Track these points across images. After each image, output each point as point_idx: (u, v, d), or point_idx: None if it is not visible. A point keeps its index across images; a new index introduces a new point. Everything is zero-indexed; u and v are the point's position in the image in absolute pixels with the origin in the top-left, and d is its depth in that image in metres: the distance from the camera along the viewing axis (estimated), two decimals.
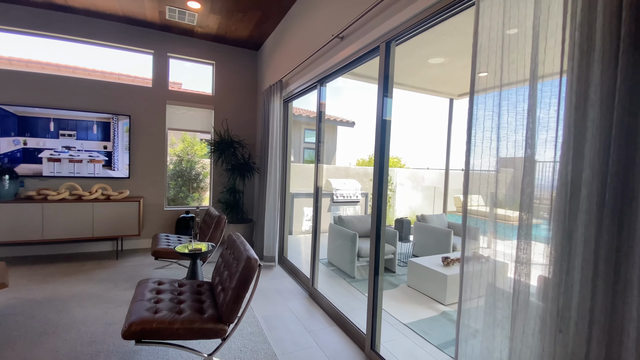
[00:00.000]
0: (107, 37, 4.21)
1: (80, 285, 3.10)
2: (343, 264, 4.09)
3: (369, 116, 11.27)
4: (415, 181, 8.28)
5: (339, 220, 4.42)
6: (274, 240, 3.98)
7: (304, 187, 6.67)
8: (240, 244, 2.15)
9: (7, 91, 3.79)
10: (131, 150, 4.36)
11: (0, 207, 3.43)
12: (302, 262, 4.25)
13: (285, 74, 3.70)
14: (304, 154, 9.79)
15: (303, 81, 3.38)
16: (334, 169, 7.54)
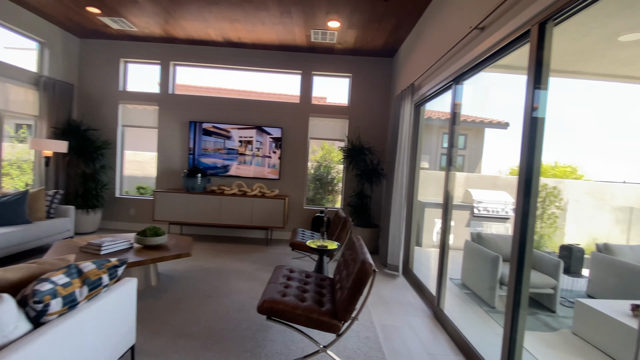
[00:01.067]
0: (267, 63, 5.16)
1: (239, 263, 3.89)
2: (480, 289, 3.55)
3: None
4: (599, 198, 6.30)
5: (478, 237, 3.86)
6: (398, 249, 3.86)
7: (439, 196, 6.17)
8: (358, 247, 2.20)
9: (195, 111, 5.20)
10: (282, 156, 5.17)
11: (195, 197, 4.73)
12: (429, 278, 3.94)
13: (417, 77, 3.56)
14: (441, 160, 9.05)
15: (436, 82, 3.16)
16: (477, 178, 6.65)
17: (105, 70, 5.16)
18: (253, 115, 5.20)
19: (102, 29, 4.70)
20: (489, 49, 2.19)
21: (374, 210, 5.00)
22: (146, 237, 3.00)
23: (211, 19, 4.13)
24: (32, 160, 5.15)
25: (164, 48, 5.12)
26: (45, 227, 3.72)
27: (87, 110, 5.16)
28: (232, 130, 5.15)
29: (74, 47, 5.05)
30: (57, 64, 4.76)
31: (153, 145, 5.36)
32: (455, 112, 2.94)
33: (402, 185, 3.81)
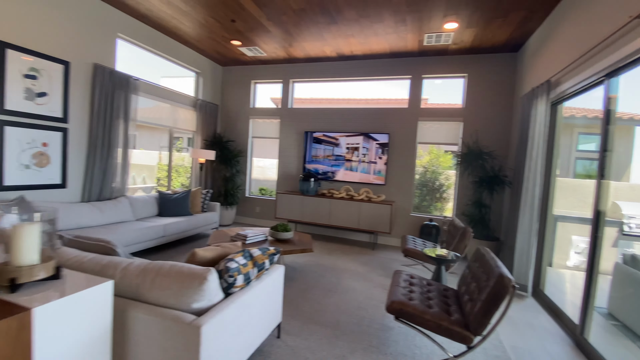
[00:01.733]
0: (376, 71, 5.31)
1: (350, 263, 4.12)
2: (636, 323, 2.87)
3: None
4: None
5: (633, 261, 3.15)
6: (526, 267, 3.45)
7: (574, 208, 5.20)
8: (490, 259, 2.10)
9: (309, 122, 5.67)
10: (388, 162, 5.24)
11: (308, 199, 5.20)
12: (565, 302, 3.39)
13: (555, 73, 3.14)
14: (575, 166, 7.57)
15: (582, 77, 2.73)
16: (628, 187, 5.34)
17: (240, 91, 6.18)
18: (360, 123, 5.41)
19: (239, 57, 5.66)
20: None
21: (493, 221, 4.57)
22: (278, 231, 3.50)
23: (329, 37, 4.52)
24: (187, 165, 6.55)
25: (285, 68, 5.83)
26: (201, 219, 4.69)
27: (227, 125, 6.28)
28: (341, 138, 5.48)
29: (218, 74, 6.22)
30: (207, 88, 5.95)
31: (273, 152, 6.14)
32: (610, 110, 2.50)
33: (533, 196, 3.40)
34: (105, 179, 3.94)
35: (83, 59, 3.71)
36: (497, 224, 4.61)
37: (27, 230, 1.32)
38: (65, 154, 3.57)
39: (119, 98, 4.04)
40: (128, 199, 4.10)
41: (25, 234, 1.32)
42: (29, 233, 1.33)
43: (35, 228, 1.35)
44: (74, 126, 3.66)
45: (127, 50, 4.42)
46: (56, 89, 3.44)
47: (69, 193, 3.65)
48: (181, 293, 1.52)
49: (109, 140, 3.95)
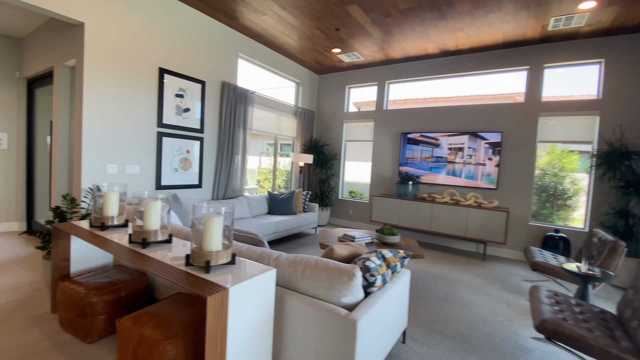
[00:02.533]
0: (484, 65, 4.86)
1: (460, 274, 3.83)
2: None
3: None
4: None
5: None
6: None
7: None
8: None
9: (406, 123, 5.48)
10: (500, 163, 4.73)
11: (406, 203, 5.04)
12: None
13: None
14: None
15: None
16: None
17: (334, 97, 6.39)
18: (465, 121, 5.03)
19: (336, 64, 5.87)
20: None
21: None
22: (385, 235, 3.47)
23: (434, 34, 4.34)
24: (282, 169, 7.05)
25: (381, 70, 5.81)
26: (303, 218, 4.98)
27: (322, 130, 6.56)
28: (441, 138, 5.17)
29: (315, 82, 6.55)
30: (305, 96, 6.32)
31: (365, 156, 6.16)
32: None
33: None
34: (228, 181, 4.51)
35: (214, 78, 4.34)
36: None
37: (216, 222, 1.58)
38: (201, 160, 4.21)
39: (239, 110, 4.59)
40: (246, 198, 4.61)
41: (215, 225, 1.58)
42: (217, 224, 1.59)
43: (220, 220, 1.61)
44: (207, 136, 4.29)
45: (241, 67, 5.01)
46: (196, 105, 4.09)
47: (203, 192, 4.29)
48: (331, 286, 1.61)
49: (232, 147, 4.52)
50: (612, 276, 2.50)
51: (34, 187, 4.31)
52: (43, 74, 3.90)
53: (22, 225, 4.39)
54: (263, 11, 3.97)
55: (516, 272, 4.03)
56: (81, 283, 2.10)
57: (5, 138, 4.22)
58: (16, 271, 2.98)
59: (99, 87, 3.14)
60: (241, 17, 4.18)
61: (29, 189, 4.34)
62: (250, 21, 4.28)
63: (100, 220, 2.19)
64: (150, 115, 3.61)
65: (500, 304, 3.01)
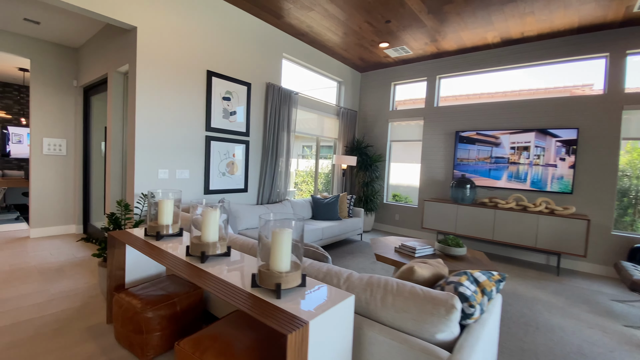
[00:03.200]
0: (554, 53, 4.30)
1: (535, 291, 3.35)
2: None
3: None
4: None
5: None
6: None
7: None
8: None
9: (461, 121, 5.00)
10: (576, 164, 4.15)
11: (464, 209, 4.59)
12: None
13: None
14: None
15: None
16: None
17: (378, 95, 6.07)
18: (531, 117, 4.48)
19: (382, 60, 5.54)
20: None
21: None
22: (449, 246, 3.10)
23: (498, 20, 3.89)
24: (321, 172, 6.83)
25: (431, 64, 5.40)
26: (349, 224, 4.71)
27: (365, 130, 6.26)
28: (502, 136, 4.66)
29: (357, 81, 6.27)
30: (347, 96, 6.06)
31: (413, 157, 5.77)
32: None
33: None
34: (273, 185, 4.37)
35: (259, 80, 4.22)
36: None
37: (285, 237, 1.37)
38: (247, 163, 4.10)
39: (283, 112, 4.44)
40: (290, 202, 4.44)
41: (285, 240, 1.36)
42: (286, 239, 1.37)
43: (289, 235, 1.39)
44: (252, 139, 4.18)
45: (285, 67, 4.86)
46: (242, 108, 3.99)
47: (249, 196, 4.18)
48: (422, 319, 1.33)
49: (276, 150, 4.37)
50: None
51: (90, 192, 4.45)
52: (98, 81, 3.99)
53: (79, 227, 4.56)
54: (310, 6, 3.77)
55: (600, 289, 3.47)
56: (137, 296, 1.99)
57: (64, 144, 4.39)
58: (73, 275, 3.02)
59: (150, 91, 3.10)
60: (287, 15, 4.02)
61: (85, 193, 4.49)
62: (296, 18, 4.11)
63: (155, 229, 2.08)
64: (199, 119, 3.54)
65: (593, 329, 2.54)
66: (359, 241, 5.02)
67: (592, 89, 4.23)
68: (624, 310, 2.97)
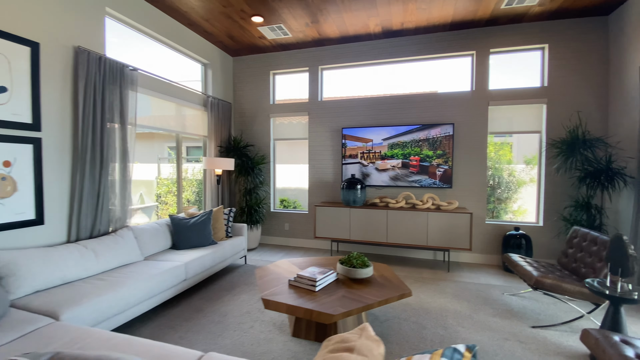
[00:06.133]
0: (430, 49, 4.31)
1: (439, 297, 3.08)
2: None
3: None
4: None
5: None
6: None
7: None
8: None
9: (347, 117, 4.64)
10: (454, 158, 4.23)
11: (357, 212, 4.16)
12: None
13: None
14: None
15: None
16: None
17: (256, 85, 5.12)
18: (414, 113, 4.41)
19: (257, 42, 4.61)
20: None
21: (609, 226, 3.58)
22: (355, 268, 2.44)
23: (381, 4, 3.51)
24: (191, 178, 5.46)
25: (313, 53, 4.80)
26: (228, 248, 3.60)
27: (243, 126, 5.20)
28: (387, 132, 4.45)
29: (229, 66, 5.15)
30: (217, 83, 4.87)
31: (298, 157, 5.10)
32: None
33: None
34: (100, 206, 2.83)
35: (59, 40, 2.62)
36: (614, 230, 3.58)
37: None
38: (39, 176, 2.46)
39: (112, 94, 2.95)
40: (132, 231, 2.99)
41: None
42: None
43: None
44: (50, 135, 2.56)
45: (118, 33, 3.34)
46: (21, 83, 2.35)
47: (48, 232, 2.54)
48: None
49: (102, 151, 2.86)
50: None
51: None
52: None
53: None
54: None
55: (489, 282, 3.51)
56: None
57: None
58: None
59: None
60: None
61: None
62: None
63: None
64: None
65: (510, 342, 2.30)
66: (242, 266, 3.96)
67: (461, 88, 4.41)
68: (519, 305, 2.94)
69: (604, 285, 2.06)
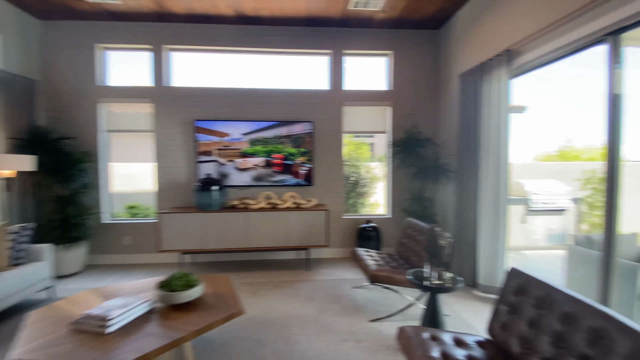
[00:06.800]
0: (290, 43, 4.16)
1: (291, 302, 2.90)
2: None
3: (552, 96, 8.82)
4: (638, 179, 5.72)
5: (588, 241, 3.07)
6: (493, 265, 3.01)
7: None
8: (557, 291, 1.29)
9: (201, 108, 4.12)
10: (314, 156, 4.19)
11: (213, 217, 3.67)
12: None
13: (519, 40, 2.69)
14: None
15: (561, 43, 2.30)
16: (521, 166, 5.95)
17: (78, 61, 3.97)
18: (274, 108, 4.18)
19: (73, 4, 3.53)
20: None
21: (438, 216, 4.11)
22: (174, 292, 1.96)
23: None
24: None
25: (155, 29, 4.00)
26: (11, 282, 2.56)
27: (58, 113, 3.95)
28: (246, 127, 4.10)
29: (34, 32, 3.83)
30: (13, 54, 3.54)
31: (144, 154, 4.25)
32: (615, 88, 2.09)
33: (497, 184, 2.95)
34: None
35: None
36: (442, 219, 4.16)
37: None
38: None
39: None
40: None
41: None
42: None
43: None
44: None
45: None
46: None
47: None
48: None
49: None
50: (457, 279, 2.17)
51: None
52: None
53: None
54: None
55: (342, 275, 3.58)
56: None
57: None
58: None
59: None
60: None
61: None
62: None
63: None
64: None
65: (348, 342, 2.25)
66: (44, 302, 2.93)
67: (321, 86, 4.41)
68: (364, 298, 3.02)
69: (420, 277, 2.19)
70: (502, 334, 1.56)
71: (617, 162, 1.99)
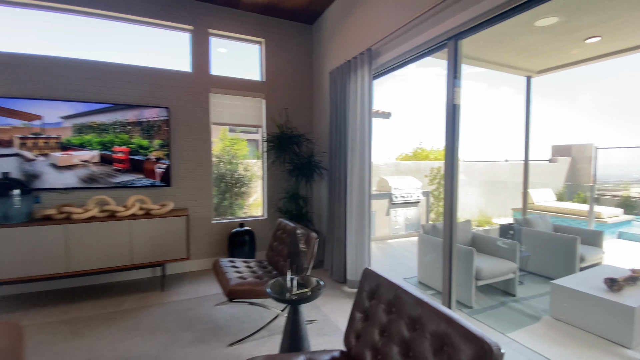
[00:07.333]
0: (141, 10, 3.33)
1: (125, 340, 2.21)
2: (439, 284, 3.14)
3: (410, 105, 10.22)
4: (470, 175, 7.23)
5: (433, 229, 3.47)
6: (360, 259, 3.05)
7: None
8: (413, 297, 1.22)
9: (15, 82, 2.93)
10: (170, 151, 3.48)
11: (16, 232, 2.58)
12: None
13: (379, 40, 2.75)
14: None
15: (413, 45, 2.43)
16: (385, 165, 6.60)
17: None
18: (107, 88, 3.27)
19: None
20: None
21: (314, 214, 4.00)
22: None
23: None
24: None
25: None
26: None
27: None
28: (69, 108, 3.10)
29: None
30: None
31: None
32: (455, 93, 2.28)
33: (363, 180, 2.99)
34: None
35: None
36: (317, 217, 4.08)
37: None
38: None
39: None
40: None
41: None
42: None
43: None
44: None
45: None
46: None
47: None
48: None
49: None
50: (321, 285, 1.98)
51: None
52: None
53: None
54: None
55: (206, 291, 3.05)
56: None
57: None
58: None
59: None
60: None
61: None
62: None
63: None
64: None
65: None
66: None
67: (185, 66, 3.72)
68: (226, 315, 2.58)
69: (280, 288, 1.92)
70: (357, 345, 1.41)
71: (455, 161, 2.16)
